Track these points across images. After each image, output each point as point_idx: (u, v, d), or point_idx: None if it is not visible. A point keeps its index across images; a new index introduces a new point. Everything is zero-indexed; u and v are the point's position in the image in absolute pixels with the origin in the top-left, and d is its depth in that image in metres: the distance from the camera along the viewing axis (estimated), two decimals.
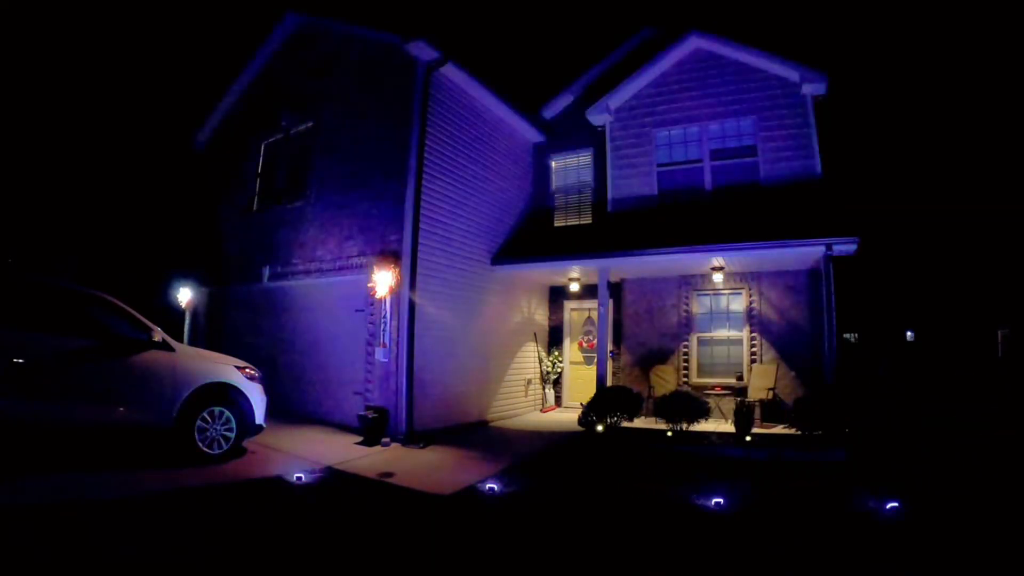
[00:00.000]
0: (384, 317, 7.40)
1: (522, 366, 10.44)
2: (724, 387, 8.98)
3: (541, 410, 10.69)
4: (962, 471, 5.93)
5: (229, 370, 5.77)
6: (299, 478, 5.19)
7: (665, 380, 9.39)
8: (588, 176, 10.76)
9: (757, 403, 8.05)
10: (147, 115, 14.74)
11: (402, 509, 4.74)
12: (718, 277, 8.76)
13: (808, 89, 8.76)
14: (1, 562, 3.03)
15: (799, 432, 6.92)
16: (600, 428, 7.70)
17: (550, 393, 10.91)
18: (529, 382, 10.64)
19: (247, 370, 5.97)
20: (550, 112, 11.22)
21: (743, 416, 7.40)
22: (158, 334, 5.31)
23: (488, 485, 5.12)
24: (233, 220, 10.46)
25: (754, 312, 9.10)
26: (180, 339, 9.30)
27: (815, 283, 8.35)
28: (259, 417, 5.94)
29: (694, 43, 9.63)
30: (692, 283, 9.61)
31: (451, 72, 8.35)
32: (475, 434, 8.28)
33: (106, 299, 5.22)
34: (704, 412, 7.70)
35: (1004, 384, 13.31)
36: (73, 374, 4.78)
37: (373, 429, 7.05)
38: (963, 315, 15.56)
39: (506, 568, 3.47)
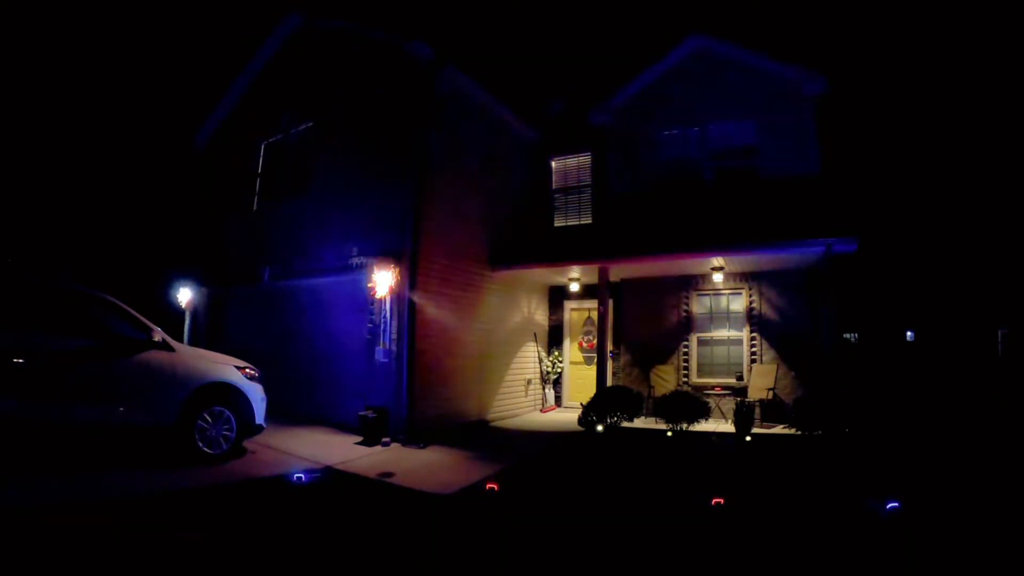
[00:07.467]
0: (384, 317, 7.40)
1: (522, 366, 10.44)
2: (724, 387, 8.98)
3: (541, 410, 10.69)
4: (963, 471, 5.93)
5: (229, 370, 5.77)
6: (299, 478, 5.19)
7: (665, 380, 9.40)
8: (588, 176, 10.75)
9: (757, 403, 8.05)
10: (148, 115, 14.76)
11: (402, 509, 4.74)
12: (718, 277, 8.77)
13: (808, 89, 8.77)
14: (3, 563, 3.04)
15: (799, 432, 6.92)
16: (600, 428, 7.71)
17: (550, 393, 10.90)
18: (529, 382, 10.64)
19: (247, 370, 5.97)
20: (550, 112, 11.22)
21: (743, 416, 7.41)
22: (158, 334, 5.32)
23: (488, 485, 5.12)
24: (233, 220, 10.47)
25: (754, 312, 9.10)
26: (180, 339, 9.31)
27: (815, 283, 8.34)
28: (259, 417, 5.95)
29: (694, 44, 9.67)
30: (692, 283, 9.60)
31: (451, 73, 8.36)
32: (475, 434, 8.28)
33: (106, 299, 5.22)
34: (704, 412, 7.71)
35: (1004, 384, 13.32)
36: (73, 374, 4.78)
37: (373, 429, 7.05)
38: (963, 315, 15.55)
39: (507, 568, 3.47)
